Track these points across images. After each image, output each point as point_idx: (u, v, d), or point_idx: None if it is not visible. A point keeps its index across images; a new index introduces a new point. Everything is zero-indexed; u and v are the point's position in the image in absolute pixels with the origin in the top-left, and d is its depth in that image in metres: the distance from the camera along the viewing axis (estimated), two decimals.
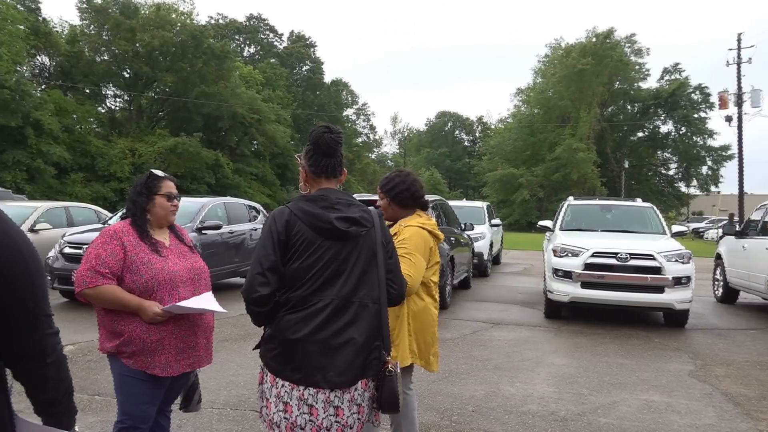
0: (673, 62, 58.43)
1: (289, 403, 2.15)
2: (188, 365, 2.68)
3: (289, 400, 2.15)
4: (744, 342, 7.48)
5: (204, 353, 2.75)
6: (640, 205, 10.53)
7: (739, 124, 31.41)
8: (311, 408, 2.14)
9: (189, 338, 2.65)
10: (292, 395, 2.15)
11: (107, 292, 2.51)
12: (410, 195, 3.19)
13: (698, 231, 39.88)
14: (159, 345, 2.57)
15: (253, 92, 42.89)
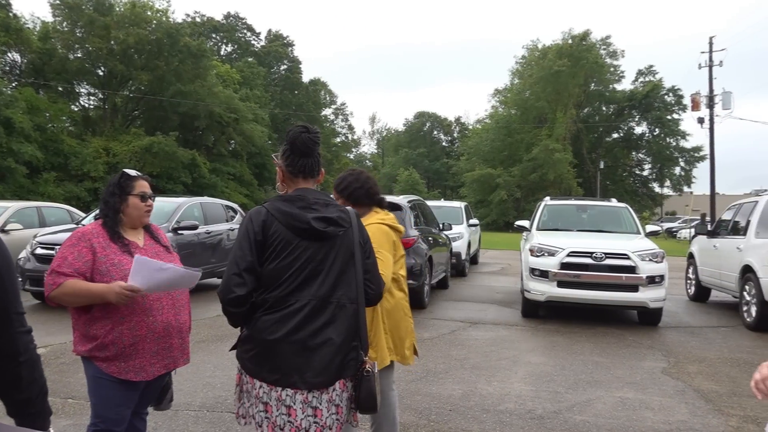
0: (647, 64, 59.22)
1: (269, 404, 2.14)
2: (163, 367, 2.64)
3: (269, 400, 2.15)
4: (715, 339, 7.63)
5: (180, 354, 2.71)
6: (615, 205, 10.68)
7: (711, 125, 32.04)
8: (289, 409, 2.13)
9: (164, 340, 2.61)
10: (271, 396, 2.14)
11: (69, 287, 2.45)
12: (365, 193, 3.18)
13: (671, 231, 40.59)
14: (133, 349, 2.53)
15: (231, 91, 42.53)
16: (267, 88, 54.00)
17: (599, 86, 55.90)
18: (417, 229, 9.17)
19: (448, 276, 11.65)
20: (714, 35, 33.61)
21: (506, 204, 47.97)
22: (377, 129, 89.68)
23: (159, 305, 2.59)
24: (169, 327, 2.63)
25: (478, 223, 17.21)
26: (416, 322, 8.12)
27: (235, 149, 43.26)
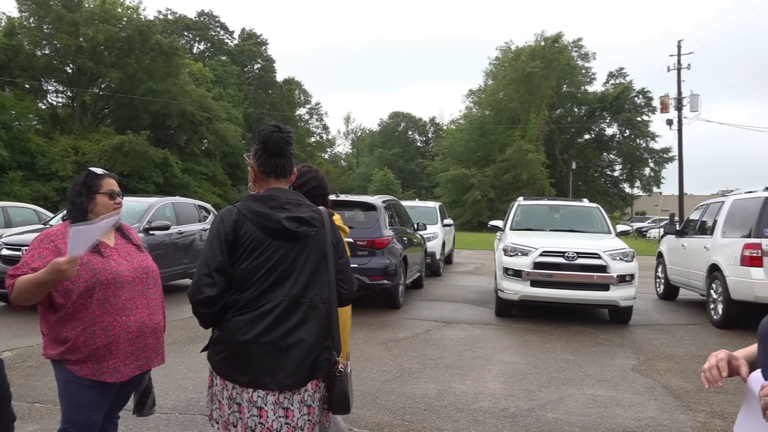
0: (618, 67, 60.24)
1: (242, 405, 2.13)
2: (138, 368, 2.60)
3: (241, 401, 2.13)
4: (684, 337, 7.80)
5: (154, 354, 2.67)
6: (587, 206, 10.83)
7: (679, 127, 32.74)
8: (261, 410, 2.12)
9: (138, 341, 2.57)
10: (243, 397, 2.13)
11: (20, 283, 2.37)
12: (321, 192, 3.24)
13: (641, 230, 41.32)
14: (107, 350, 2.48)
15: (203, 90, 42.09)
16: (240, 87, 53.53)
17: (571, 88, 56.68)
18: (391, 229, 9.18)
19: (422, 276, 11.69)
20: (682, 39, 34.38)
21: (480, 204, 48.30)
22: (352, 129, 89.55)
23: (133, 305, 2.56)
24: (143, 327, 2.58)
25: (452, 223, 17.30)
26: (391, 322, 8.15)
27: (208, 149, 42.80)
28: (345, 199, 9.50)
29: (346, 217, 9.28)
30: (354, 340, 6.97)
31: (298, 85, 64.98)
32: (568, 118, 57.98)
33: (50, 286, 2.37)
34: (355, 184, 66.54)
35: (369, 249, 8.50)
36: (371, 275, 8.39)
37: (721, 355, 1.47)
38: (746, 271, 7.87)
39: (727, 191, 10.80)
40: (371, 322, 8.09)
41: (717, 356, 1.48)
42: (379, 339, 7.12)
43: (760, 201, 8.13)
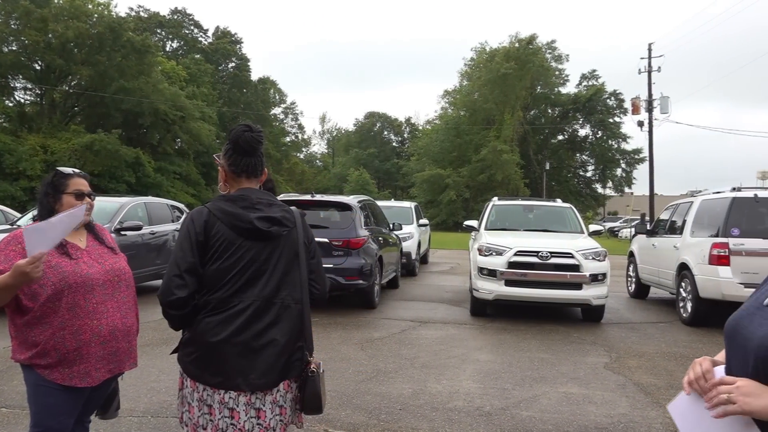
0: (591, 69, 61.18)
1: (213, 407, 2.11)
2: (109, 371, 2.54)
3: (212, 403, 2.11)
4: (654, 335, 7.94)
5: (126, 358, 2.62)
6: (560, 206, 10.96)
7: (650, 128, 33.36)
8: (232, 411, 2.10)
9: (110, 344, 2.52)
10: (214, 399, 2.11)
11: None
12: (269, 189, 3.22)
13: (613, 230, 41.97)
14: (77, 355, 2.42)
15: (177, 88, 41.55)
16: (214, 86, 53.00)
17: (545, 89, 57.37)
18: (367, 229, 9.17)
19: (398, 276, 11.70)
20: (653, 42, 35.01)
21: (455, 204, 48.57)
22: (327, 129, 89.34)
23: (104, 308, 2.50)
24: (115, 330, 2.53)
25: (428, 223, 17.36)
26: (366, 322, 8.15)
27: (181, 148, 42.28)
28: (320, 199, 9.47)
29: (321, 217, 9.27)
30: (329, 341, 6.95)
31: (273, 85, 64.59)
32: (542, 119, 58.64)
33: (15, 289, 2.30)
34: (330, 184, 66.39)
35: (344, 249, 8.48)
36: (347, 275, 8.37)
37: (706, 365, 1.46)
38: (714, 270, 8.04)
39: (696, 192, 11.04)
40: (347, 322, 8.08)
41: (702, 366, 1.45)
42: (355, 339, 7.11)
43: (727, 201, 8.32)
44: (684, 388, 1.49)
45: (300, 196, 9.71)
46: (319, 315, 8.36)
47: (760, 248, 7.76)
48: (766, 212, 8.27)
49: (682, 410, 1.51)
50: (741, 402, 1.26)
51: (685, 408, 1.50)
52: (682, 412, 1.51)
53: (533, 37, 52.98)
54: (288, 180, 58.86)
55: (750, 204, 8.24)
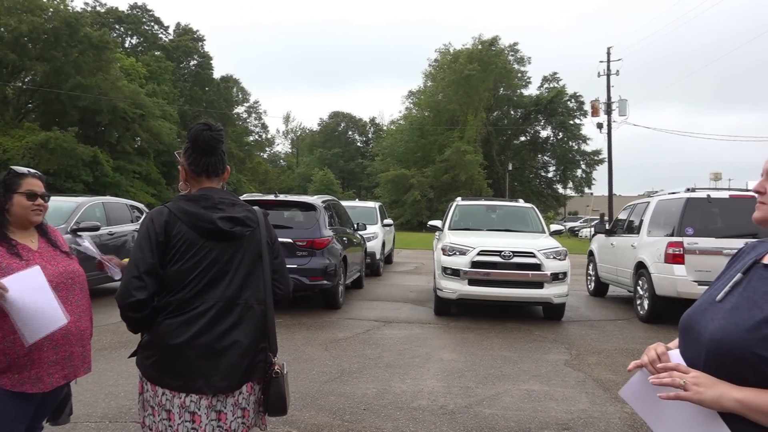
0: (552, 71, 62.26)
1: (172, 411, 2.06)
2: (63, 377, 2.47)
3: (172, 408, 2.06)
4: (612, 332, 8.13)
5: (80, 363, 2.55)
6: (522, 206, 11.12)
7: (609, 130, 34.18)
8: (193, 415, 2.06)
9: (63, 349, 2.44)
10: (174, 403, 2.06)
11: None
12: None
13: (573, 230, 42.78)
14: (29, 360, 2.34)
15: (136, 86, 40.66)
16: (176, 84, 52.01)
17: (507, 91, 58.10)
18: (331, 229, 9.14)
19: (362, 276, 11.70)
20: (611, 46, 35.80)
21: (420, 204, 48.80)
22: (291, 128, 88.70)
23: None
24: (68, 334, 2.46)
25: (392, 223, 17.40)
26: (331, 323, 8.12)
27: (141, 146, 41.39)
28: (284, 199, 9.40)
29: (285, 217, 9.19)
30: (293, 342, 6.90)
31: (235, 83, 63.75)
32: (505, 120, 59.40)
33: None
34: (294, 184, 65.93)
35: (308, 249, 8.43)
36: (311, 276, 8.33)
37: (660, 348, 1.51)
38: (669, 268, 8.28)
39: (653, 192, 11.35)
40: (311, 323, 8.03)
41: (657, 350, 1.51)
42: (319, 339, 7.07)
43: (682, 202, 8.57)
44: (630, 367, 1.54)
45: (263, 196, 9.61)
46: (283, 316, 8.29)
47: (713, 247, 8.02)
48: (719, 212, 8.55)
49: (635, 393, 1.55)
50: (693, 390, 1.30)
51: (638, 392, 1.54)
52: (635, 394, 1.55)
53: (496, 39, 53.69)
54: (251, 180, 58.22)
55: (703, 204, 8.51)
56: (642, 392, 1.53)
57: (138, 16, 55.82)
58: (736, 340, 1.33)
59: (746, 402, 1.26)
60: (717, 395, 1.29)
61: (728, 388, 1.29)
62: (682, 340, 1.53)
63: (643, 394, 1.52)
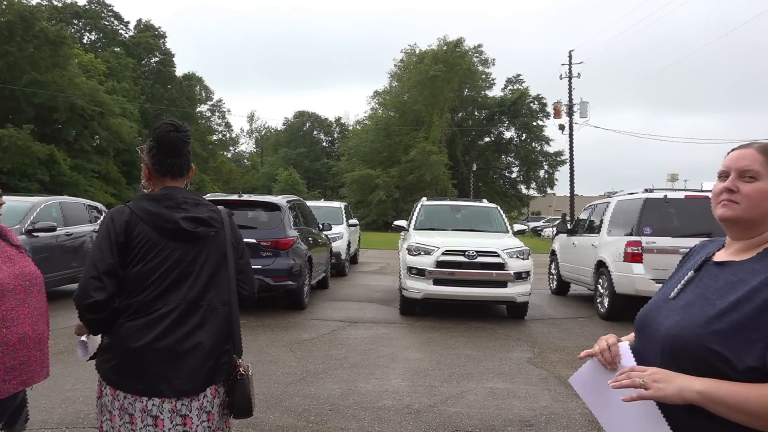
0: (515, 73, 63.20)
1: (134, 415, 2.02)
2: (21, 383, 2.38)
3: (134, 412, 2.02)
4: (574, 329, 8.29)
5: (38, 368, 2.46)
6: (486, 206, 11.24)
7: (570, 132, 34.82)
8: (156, 419, 2.02)
9: (20, 354, 2.36)
10: (136, 407, 2.02)
11: None
12: None
13: (536, 229, 43.49)
14: None
15: (95, 83, 39.60)
16: (136, 81, 50.91)
17: (472, 92, 58.68)
18: (296, 230, 9.09)
19: (327, 276, 11.66)
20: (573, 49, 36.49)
21: (385, 204, 48.86)
22: (256, 127, 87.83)
23: (14, 315, 2.33)
24: (25, 339, 2.37)
25: (357, 223, 17.38)
26: (296, 323, 8.07)
27: (100, 145, 40.33)
28: (248, 199, 9.30)
29: (249, 218, 9.10)
30: (257, 343, 6.84)
31: (198, 81, 62.74)
32: (470, 121, 59.99)
33: None
34: (259, 183, 65.26)
35: (273, 250, 8.36)
36: (275, 276, 8.26)
37: (611, 339, 1.57)
38: (628, 267, 8.49)
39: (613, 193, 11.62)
40: (275, 324, 7.97)
41: (607, 340, 1.57)
42: (284, 341, 7.02)
43: (640, 202, 8.80)
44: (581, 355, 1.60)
45: (227, 196, 9.50)
46: (247, 317, 8.21)
47: (669, 246, 8.25)
48: (675, 212, 8.80)
49: (584, 382, 1.61)
50: (654, 388, 1.33)
51: (586, 380, 1.60)
52: (585, 383, 1.61)
53: (460, 40, 54.13)
54: (215, 179, 57.37)
55: (660, 204, 8.75)
56: (590, 381, 1.59)
57: (97, 11, 54.44)
58: (690, 335, 1.37)
59: (706, 393, 1.29)
60: (678, 389, 1.31)
61: (688, 381, 1.32)
62: (638, 337, 1.57)
63: (590, 383, 1.58)
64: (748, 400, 1.25)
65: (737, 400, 1.26)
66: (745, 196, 1.42)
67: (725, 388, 1.28)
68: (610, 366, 1.53)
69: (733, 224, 1.47)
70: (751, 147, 1.47)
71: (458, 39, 53.97)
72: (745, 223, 1.44)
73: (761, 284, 1.33)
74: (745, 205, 1.42)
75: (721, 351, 1.31)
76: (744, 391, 1.26)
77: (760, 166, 1.42)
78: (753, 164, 1.43)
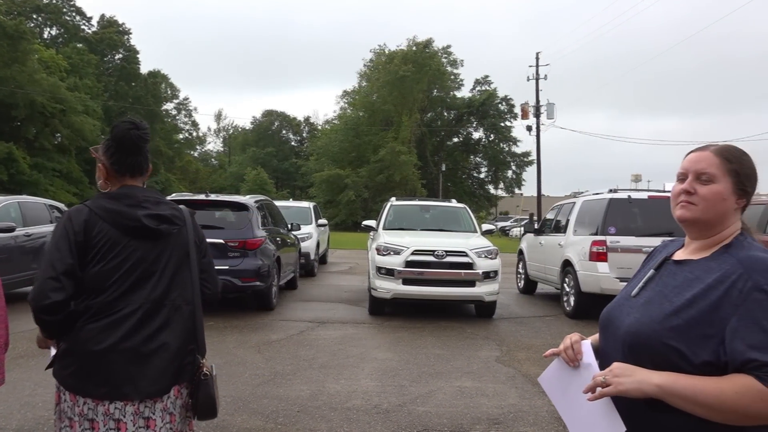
0: (484, 74, 63.77)
1: (96, 420, 1.96)
2: None
3: (95, 416, 1.96)
4: (541, 328, 8.40)
5: None
6: (455, 206, 11.31)
7: (538, 133, 35.37)
8: (119, 423, 1.97)
9: None
10: (98, 411, 1.96)
11: None
12: None
13: (504, 229, 43.97)
14: None
15: (56, 79, 38.62)
16: (99, 78, 49.82)
17: (441, 92, 59.03)
18: (264, 230, 9.00)
19: (296, 276, 11.58)
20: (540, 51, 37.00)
21: (354, 204, 48.81)
22: (223, 126, 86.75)
23: None
24: None
25: (326, 223, 17.32)
26: (264, 324, 7.99)
27: (61, 143, 39.39)
28: (216, 199, 9.18)
29: (216, 218, 8.98)
30: (225, 345, 6.75)
31: (164, 79, 61.69)
32: (438, 121, 60.34)
33: None
34: (226, 183, 64.49)
35: (241, 250, 8.27)
36: (243, 277, 8.17)
37: (575, 337, 1.61)
38: (593, 266, 8.64)
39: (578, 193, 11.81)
40: (243, 325, 7.87)
41: (571, 338, 1.61)
42: (252, 342, 6.95)
43: (605, 202, 8.96)
44: (546, 354, 1.65)
45: (194, 196, 9.35)
46: (214, 318, 8.10)
47: (633, 245, 8.42)
48: (639, 212, 8.99)
49: (551, 381, 1.65)
50: (614, 383, 1.37)
51: (553, 378, 1.64)
52: (551, 382, 1.65)
53: (429, 41, 54.40)
54: (181, 179, 56.53)
55: (624, 204, 8.92)
56: (555, 380, 1.63)
57: (58, 6, 53.06)
58: (649, 332, 1.41)
59: (665, 386, 1.33)
60: (637, 382, 1.35)
61: (647, 374, 1.36)
62: (601, 335, 1.61)
63: (556, 381, 1.62)
64: (704, 392, 1.30)
65: (693, 393, 1.30)
66: (701, 197, 1.46)
67: (682, 382, 1.32)
68: (572, 363, 1.57)
69: (691, 225, 1.51)
70: (708, 149, 1.51)
71: (427, 39, 54.29)
72: (702, 224, 1.49)
73: (716, 282, 1.37)
74: (702, 207, 1.46)
75: (678, 346, 1.35)
76: (699, 384, 1.31)
77: (715, 169, 1.46)
78: (709, 167, 1.47)
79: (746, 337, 1.28)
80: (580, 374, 1.54)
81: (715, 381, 1.30)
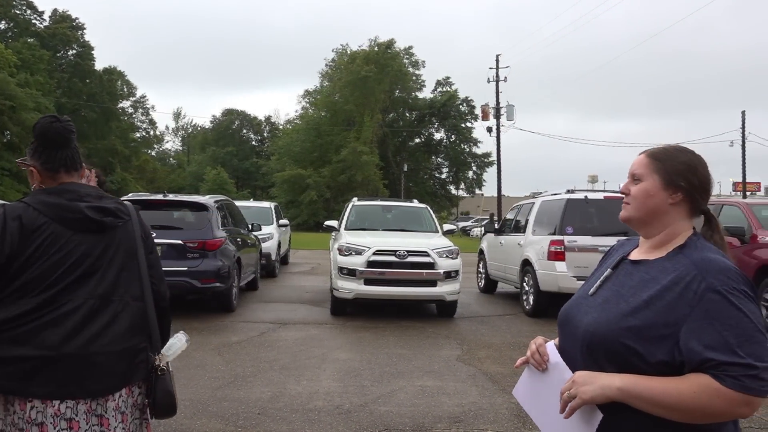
0: (445, 76, 64.26)
1: (45, 423, 1.87)
2: None
3: (44, 419, 1.87)
4: (501, 326, 8.52)
5: None
6: (417, 206, 11.36)
7: (498, 134, 35.86)
8: (71, 422, 1.89)
9: None
10: (47, 413, 1.87)
11: None
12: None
13: (465, 229, 44.43)
14: None
15: (5, 75, 37.28)
16: (52, 74, 48.32)
17: (403, 93, 59.26)
18: (224, 230, 8.87)
19: (257, 277, 11.46)
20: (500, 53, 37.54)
21: (316, 204, 48.57)
22: (182, 125, 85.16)
23: None
24: None
25: (288, 224, 17.19)
26: (224, 326, 7.88)
27: (11, 141, 38.02)
28: (174, 199, 9.01)
29: (175, 218, 8.81)
30: None
31: (120, 75, 60.22)
32: (400, 122, 60.56)
33: None
34: (185, 183, 63.34)
35: (200, 251, 8.13)
36: (202, 278, 8.03)
37: (539, 341, 1.63)
38: (552, 265, 8.80)
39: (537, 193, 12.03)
40: (203, 327, 7.74)
41: (536, 342, 1.63)
42: (212, 344, 6.84)
43: (563, 202, 9.15)
44: (516, 364, 1.67)
45: (151, 196, 9.16)
46: (173, 320, 7.92)
47: (590, 244, 8.61)
48: (595, 212, 9.20)
49: (524, 391, 1.67)
50: (579, 393, 1.39)
51: (525, 388, 1.66)
52: (524, 392, 1.67)
53: (391, 41, 54.54)
54: (138, 178, 55.29)
55: (581, 205, 9.12)
56: (528, 388, 1.65)
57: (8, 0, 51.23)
58: (606, 331, 1.43)
59: (626, 389, 1.35)
60: (600, 387, 1.37)
61: (609, 378, 1.38)
62: (561, 333, 1.63)
63: (528, 389, 1.64)
64: (664, 393, 1.32)
65: (653, 394, 1.33)
66: (633, 197, 1.56)
67: (643, 383, 1.34)
68: (541, 367, 1.58)
69: (630, 224, 1.59)
70: (644, 153, 1.60)
71: (389, 40, 54.41)
72: (637, 221, 1.57)
73: (671, 283, 1.40)
74: (634, 205, 1.56)
75: (634, 346, 1.38)
76: (660, 385, 1.33)
77: (644, 169, 1.55)
78: (638, 168, 1.57)
79: (702, 337, 1.31)
80: (550, 374, 1.55)
81: (673, 381, 1.33)
